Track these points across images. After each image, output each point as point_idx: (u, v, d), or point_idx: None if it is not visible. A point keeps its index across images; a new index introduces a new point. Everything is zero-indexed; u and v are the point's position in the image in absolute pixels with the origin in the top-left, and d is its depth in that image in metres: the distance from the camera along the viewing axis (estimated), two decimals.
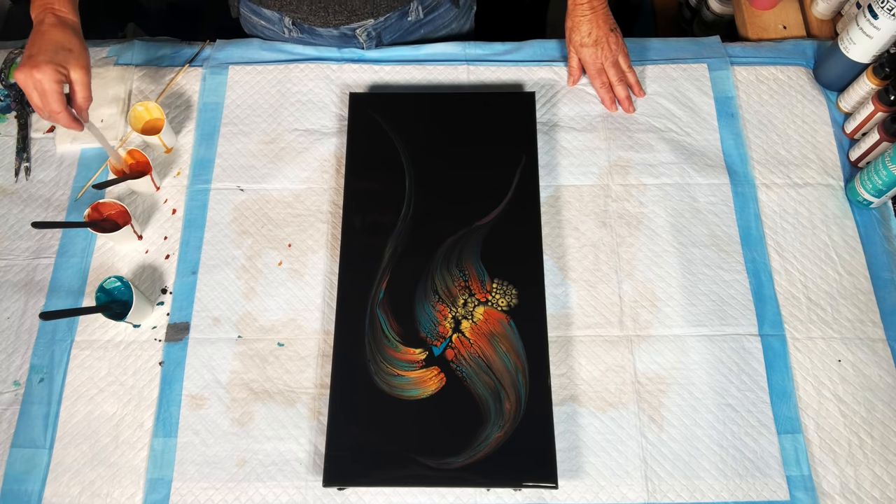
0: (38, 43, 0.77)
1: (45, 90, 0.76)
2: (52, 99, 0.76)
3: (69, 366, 0.87)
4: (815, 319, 0.89)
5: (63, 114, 0.78)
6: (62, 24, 0.78)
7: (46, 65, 0.75)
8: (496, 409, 0.81)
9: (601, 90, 1.00)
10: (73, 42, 0.78)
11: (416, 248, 0.89)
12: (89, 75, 0.79)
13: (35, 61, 0.75)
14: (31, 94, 0.77)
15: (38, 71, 0.75)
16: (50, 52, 0.75)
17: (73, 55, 0.77)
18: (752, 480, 0.81)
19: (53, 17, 0.78)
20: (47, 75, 0.75)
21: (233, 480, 0.82)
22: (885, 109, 0.92)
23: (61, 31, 0.77)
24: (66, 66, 0.76)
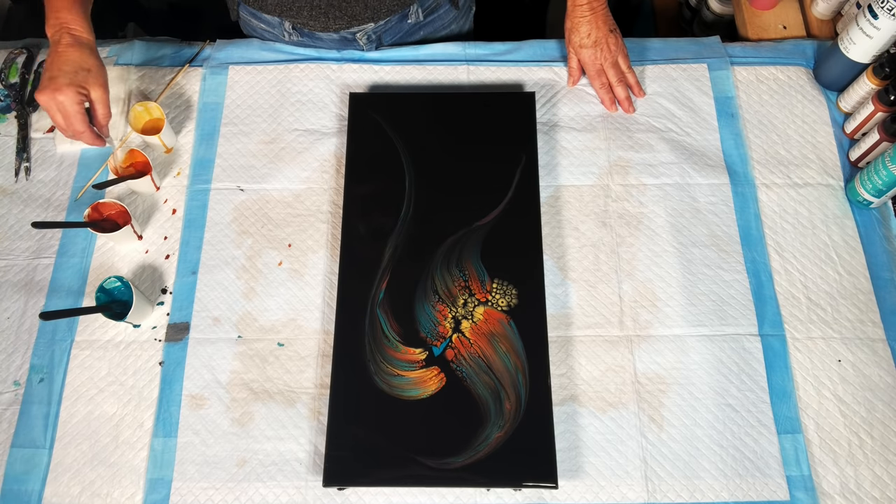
0: (56, 64, 0.78)
1: (69, 112, 0.78)
2: (75, 120, 0.79)
3: (69, 366, 0.87)
4: (815, 319, 0.89)
5: (87, 132, 0.81)
6: (78, 43, 0.79)
7: (68, 87, 0.77)
8: (496, 409, 0.81)
9: (601, 91, 1.00)
10: (90, 61, 0.80)
11: (416, 248, 0.89)
12: (108, 93, 0.81)
13: (56, 83, 0.77)
14: (54, 116, 0.79)
15: (61, 93, 0.77)
16: (70, 74, 0.77)
17: (92, 74, 0.79)
18: (752, 480, 0.81)
19: (69, 36, 0.79)
20: (69, 97, 0.77)
21: (233, 480, 0.82)
22: (885, 109, 0.92)
23: (78, 51, 0.79)
24: (86, 85, 0.79)
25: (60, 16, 0.80)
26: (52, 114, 0.79)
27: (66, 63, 0.78)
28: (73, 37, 0.80)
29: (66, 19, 0.80)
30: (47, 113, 0.80)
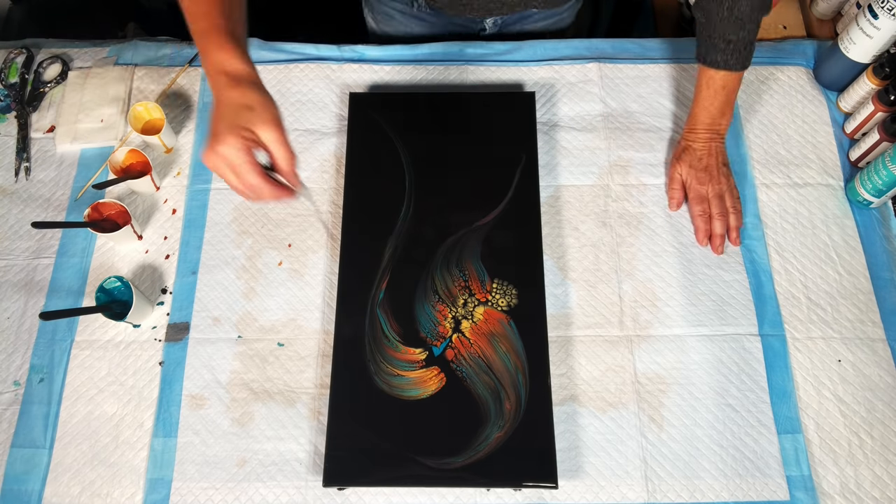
0: (215, 114, 0.65)
1: (235, 164, 0.63)
2: (245, 172, 0.64)
3: (69, 366, 0.87)
4: (815, 319, 0.89)
5: (265, 186, 0.65)
6: (235, 80, 0.66)
7: (227, 135, 0.63)
8: (496, 409, 0.81)
9: (698, 219, 0.93)
10: (250, 96, 0.65)
11: (416, 248, 0.89)
12: (282, 129, 0.65)
13: (216, 136, 0.63)
14: (224, 174, 0.65)
15: (221, 144, 0.63)
16: (229, 119, 0.64)
17: (256, 112, 0.64)
18: (752, 480, 0.81)
19: (225, 77, 0.66)
20: (232, 146, 0.63)
21: (233, 480, 0.82)
22: (885, 109, 0.92)
23: (236, 90, 0.65)
24: (251, 126, 0.64)
25: (214, 58, 0.67)
26: (223, 173, 0.64)
27: (224, 109, 0.65)
28: (229, 76, 0.66)
29: (220, 59, 0.66)
30: (219, 175, 0.65)
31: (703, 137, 0.94)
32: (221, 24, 0.68)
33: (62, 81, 1.04)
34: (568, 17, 1.16)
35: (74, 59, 1.07)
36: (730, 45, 0.87)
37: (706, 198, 0.93)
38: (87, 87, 1.03)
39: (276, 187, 0.67)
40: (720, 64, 0.88)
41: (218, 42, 0.67)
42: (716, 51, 0.88)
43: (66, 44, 1.09)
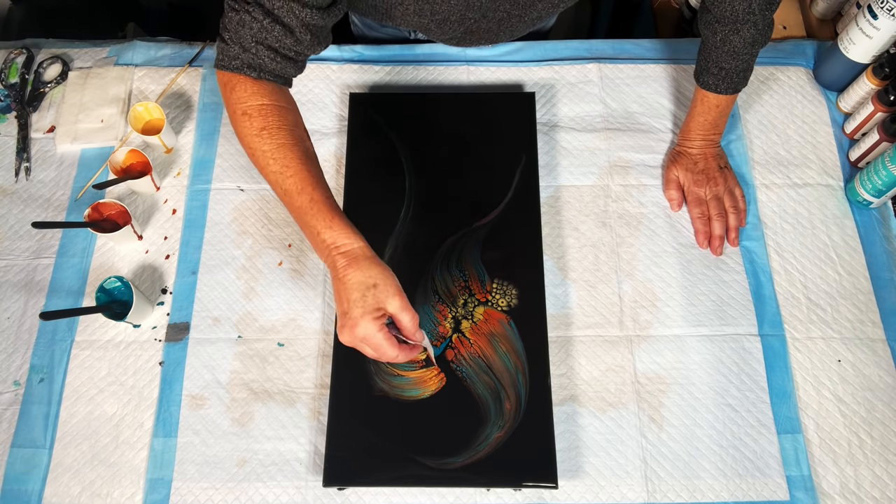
0: (343, 295, 0.69)
1: (375, 343, 0.68)
2: (385, 349, 0.69)
3: (69, 366, 0.87)
4: (814, 319, 0.89)
5: (402, 354, 0.70)
6: (354, 260, 0.69)
7: (362, 318, 0.67)
8: (496, 409, 0.81)
9: (697, 221, 0.93)
10: (372, 273, 0.68)
11: (416, 248, 0.89)
12: (404, 297, 0.70)
13: (353, 319, 0.67)
14: (363, 350, 0.70)
15: (359, 328, 0.67)
16: (360, 303, 0.67)
17: (380, 288, 0.68)
18: (752, 480, 0.81)
19: (342, 257, 0.69)
20: (370, 329, 0.67)
21: (233, 480, 0.82)
22: (884, 109, 0.92)
23: (358, 270, 0.68)
24: (380, 305, 0.68)
25: (324, 239, 0.70)
26: (361, 349, 0.70)
27: (350, 290, 0.68)
28: (344, 256, 0.69)
29: (331, 239, 0.69)
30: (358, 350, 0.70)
31: (697, 144, 0.94)
32: (320, 198, 0.71)
33: (62, 81, 1.04)
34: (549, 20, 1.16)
35: (74, 59, 1.07)
36: (722, 71, 0.88)
37: (704, 200, 0.94)
38: (87, 87, 1.03)
39: (408, 350, 0.71)
40: (712, 87, 0.89)
41: (325, 220, 0.70)
42: (708, 74, 0.89)
43: (66, 44, 1.09)
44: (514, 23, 0.92)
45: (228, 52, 0.71)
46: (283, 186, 0.72)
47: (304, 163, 0.72)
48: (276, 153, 0.71)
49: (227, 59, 0.71)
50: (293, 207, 0.72)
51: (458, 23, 0.88)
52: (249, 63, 0.71)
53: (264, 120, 0.72)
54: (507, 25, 0.92)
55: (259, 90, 0.72)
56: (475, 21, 0.89)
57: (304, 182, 0.71)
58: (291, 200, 0.72)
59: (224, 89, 0.74)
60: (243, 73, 0.72)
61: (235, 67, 0.71)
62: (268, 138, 0.71)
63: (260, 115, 0.72)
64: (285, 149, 0.71)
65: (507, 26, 0.92)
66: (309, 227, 0.71)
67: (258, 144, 0.71)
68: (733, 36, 0.84)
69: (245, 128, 0.72)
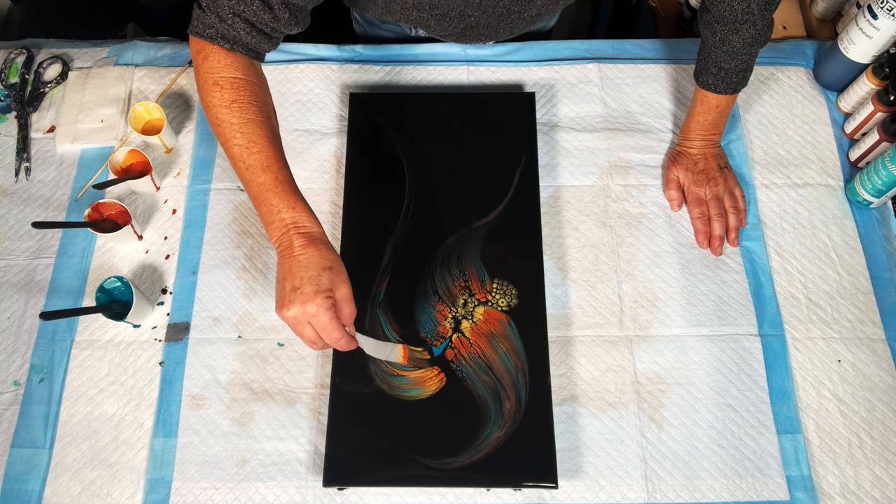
0: (296, 272, 0.69)
1: (322, 323, 0.68)
2: (331, 329, 0.69)
3: (69, 366, 0.87)
4: (814, 319, 0.89)
5: (343, 338, 0.70)
6: (312, 241, 0.70)
7: (315, 295, 0.67)
8: (496, 409, 0.81)
9: (697, 221, 0.93)
10: (328, 258, 0.70)
11: (416, 248, 0.89)
12: (351, 287, 0.71)
13: (304, 294, 0.67)
14: (303, 330, 0.69)
15: (311, 304, 0.67)
16: (314, 280, 0.68)
17: (334, 272, 0.69)
18: (752, 480, 0.81)
19: (301, 237, 0.70)
20: (321, 307, 0.67)
21: (233, 480, 0.82)
22: (884, 109, 0.92)
23: (315, 251, 0.69)
24: (332, 287, 0.69)
25: (283, 217, 0.70)
26: (302, 328, 0.69)
27: (306, 268, 0.68)
28: (303, 236, 0.70)
29: (292, 219, 0.70)
30: (294, 328, 0.69)
31: (697, 144, 0.94)
32: (284, 178, 0.72)
33: (62, 81, 1.04)
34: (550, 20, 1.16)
35: (74, 59, 1.07)
36: (721, 71, 0.88)
37: (704, 200, 0.94)
38: (87, 87, 1.03)
39: (350, 338, 0.72)
40: (710, 87, 0.89)
41: (289, 200, 0.71)
42: (707, 74, 0.89)
43: (66, 44, 1.09)
44: (514, 19, 0.92)
45: (204, 19, 0.72)
46: (246, 161, 0.72)
47: (271, 141, 0.73)
48: (245, 128, 0.72)
49: (202, 27, 0.72)
50: (255, 183, 0.72)
51: (458, 18, 0.88)
52: (224, 34, 0.72)
53: (236, 93, 0.72)
54: (506, 22, 0.92)
55: (233, 62, 0.73)
56: (474, 17, 0.89)
57: (270, 160, 0.72)
58: (254, 176, 0.72)
59: (196, 57, 0.74)
60: (216, 43, 0.72)
61: (209, 36, 0.72)
62: (238, 112, 0.72)
63: (232, 87, 0.72)
64: (254, 125, 0.72)
65: (506, 23, 0.92)
66: (268, 204, 0.71)
67: (226, 116, 0.72)
68: (732, 36, 0.84)
69: (215, 98, 0.72)
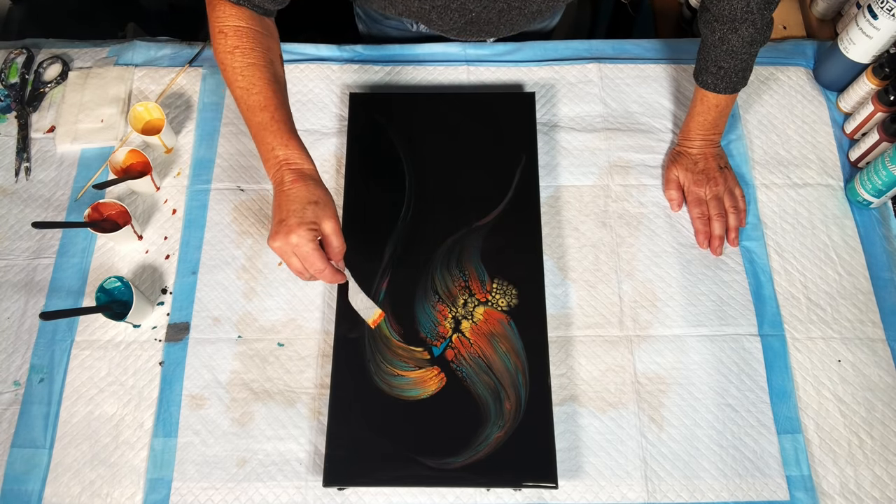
0: (283, 205, 0.73)
1: (304, 253, 0.72)
2: (312, 259, 0.72)
3: (69, 366, 0.87)
4: (814, 319, 0.89)
5: (327, 270, 0.74)
6: (301, 177, 0.74)
7: (298, 227, 0.71)
8: (496, 409, 0.81)
9: (697, 221, 0.93)
10: (316, 193, 0.73)
11: (416, 248, 0.89)
12: (338, 223, 0.75)
13: (287, 226, 0.71)
14: (289, 260, 0.73)
15: (294, 234, 0.71)
16: (298, 212, 0.72)
17: (320, 206, 0.73)
18: (752, 480, 0.81)
19: (291, 172, 0.74)
20: (303, 238, 0.71)
21: (233, 480, 0.82)
22: (884, 109, 0.92)
23: (303, 186, 0.73)
24: (317, 220, 0.72)
25: (277, 154, 0.74)
26: (288, 258, 0.73)
27: (292, 201, 0.72)
28: (294, 172, 0.74)
29: (284, 156, 0.74)
30: (282, 258, 0.73)
31: (697, 144, 0.94)
32: (281, 118, 0.76)
33: (62, 81, 1.04)
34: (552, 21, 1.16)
35: (74, 59, 1.07)
36: (721, 70, 0.88)
37: (704, 200, 0.94)
38: (87, 87, 1.03)
39: (335, 271, 0.75)
40: (710, 86, 0.89)
41: (282, 138, 0.75)
42: (707, 73, 0.89)
43: (66, 44, 1.09)
44: (514, 15, 0.92)
45: None
46: (247, 102, 0.76)
47: (271, 84, 0.76)
48: (245, 71, 0.76)
49: None
50: (253, 123, 0.76)
51: (458, 12, 0.89)
52: None
53: (238, 40, 0.76)
54: (507, 17, 0.92)
55: (238, 13, 0.77)
56: (475, 12, 0.89)
57: (267, 101, 0.75)
58: (253, 116, 0.76)
59: (207, 7, 0.78)
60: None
61: None
62: (239, 56, 0.76)
63: (235, 35, 0.76)
64: (254, 68, 0.76)
65: (507, 18, 0.93)
66: (265, 143, 0.75)
67: (229, 61, 0.76)
68: (731, 35, 0.84)
69: (220, 45, 0.77)
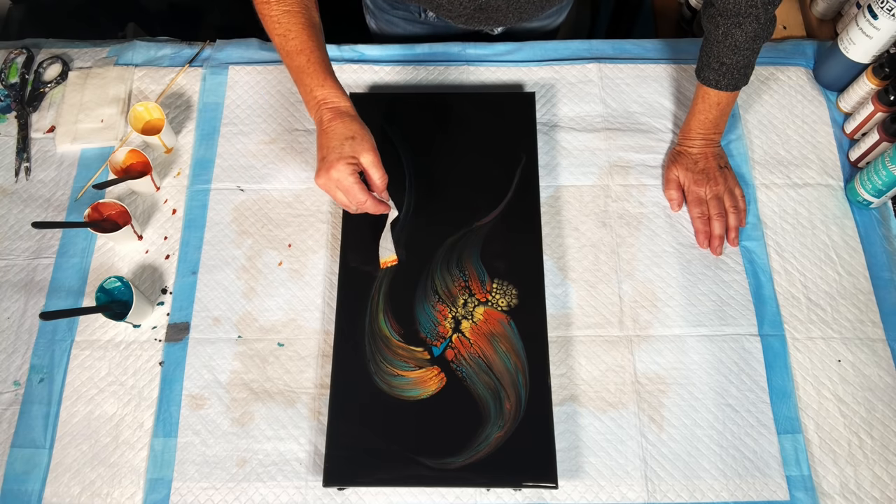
0: (324, 143, 0.78)
1: (346, 186, 0.77)
2: (354, 191, 0.78)
3: (69, 366, 0.87)
4: (814, 319, 0.89)
5: (369, 200, 0.79)
6: (338, 114, 0.78)
7: (338, 162, 0.76)
8: (496, 409, 0.81)
9: (697, 220, 0.93)
10: (352, 128, 0.78)
11: (416, 248, 0.89)
12: (377, 154, 0.79)
13: (328, 162, 0.76)
14: (334, 195, 0.79)
15: (334, 170, 0.76)
16: (337, 149, 0.77)
17: (357, 141, 0.77)
18: (752, 480, 0.81)
19: (329, 111, 0.78)
20: (343, 172, 0.76)
21: (233, 480, 0.82)
22: (884, 109, 0.92)
23: (340, 122, 0.78)
24: (355, 154, 0.77)
25: (316, 94, 0.79)
26: (333, 193, 0.79)
27: (331, 138, 0.77)
28: (331, 110, 0.78)
29: (322, 95, 0.79)
30: (328, 194, 0.80)
31: (698, 144, 0.94)
32: (317, 60, 0.80)
33: (62, 81, 1.04)
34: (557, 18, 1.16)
35: (74, 59, 1.07)
36: (723, 66, 0.88)
37: (704, 200, 0.94)
38: (87, 87, 1.03)
39: (378, 202, 0.81)
40: (712, 83, 0.89)
41: (319, 79, 0.79)
42: (709, 70, 0.89)
43: (66, 44, 1.09)
44: (523, 2, 0.93)
45: None
46: (285, 48, 0.80)
47: (306, 28, 0.80)
48: (282, 18, 0.80)
49: None
50: (292, 67, 0.81)
51: None
52: None
53: None
54: (515, 4, 0.93)
55: None
56: None
57: (303, 45, 0.80)
58: (291, 60, 0.80)
59: None
60: None
61: None
62: (275, 5, 0.80)
63: None
64: (290, 15, 0.80)
65: (516, 5, 0.93)
66: (304, 84, 0.80)
67: (267, 11, 0.81)
68: (735, 29, 0.84)
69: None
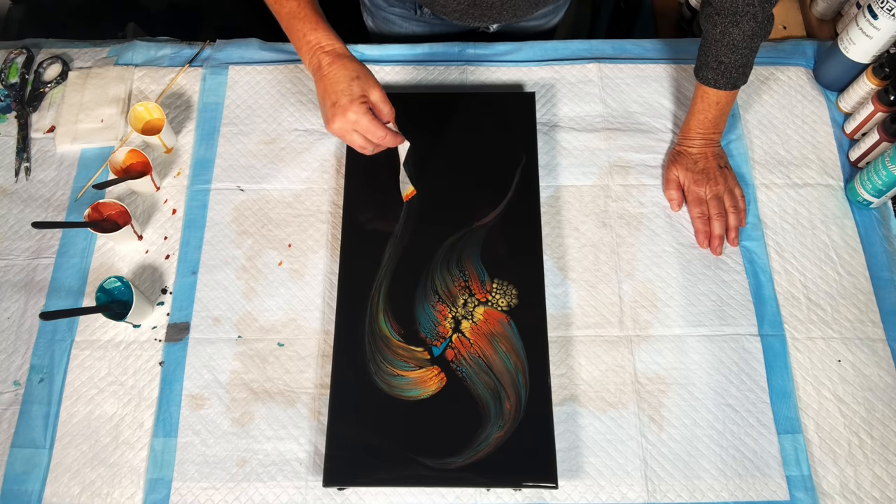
0: (329, 88, 0.77)
1: (364, 125, 0.77)
2: (374, 129, 0.77)
3: (69, 366, 0.87)
4: (814, 319, 0.89)
5: (388, 134, 0.79)
6: (337, 57, 0.78)
7: (351, 104, 0.76)
8: (496, 409, 0.81)
9: (697, 220, 0.93)
10: (354, 68, 0.78)
11: (416, 248, 0.89)
12: (383, 90, 0.79)
13: (341, 106, 0.76)
14: (351, 138, 0.78)
15: (351, 112, 0.76)
16: (347, 92, 0.76)
17: (362, 80, 0.77)
18: (752, 480, 0.81)
19: (326, 56, 0.78)
20: (358, 112, 0.76)
21: (233, 480, 0.82)
22: (884, 109, 0.92)
23: (341, 65, 0.77)
24: (364, 93, 0.77)
25: (310, 39, 0.79)
26: (350, 137, 0.78)
27: (337, 82, 0.77)
28: (328, 54, 0.78)
29: (316, 39, 0.79)
30: (344, 139, 0.79)
31: (697, 144, 0.94)
32: (307, 4, 0.80)
33: (62, 81, 1.04)
34: (554, 18, 1.17)
35: (74, 59, 1.07)
36: (721, 65, 0.88)
37: (704, 200, 0.93)
38: (87, 87, 1.03)
39: (395, 134, 0.81)
40: (710, 82, 0.89)
41: (311, 23, 0.79)
42: (708, 69, 0.89)
43: (66, 44, 1.09)
44: None
45: None
46: None
47: None
48: None
49: None
50: (283, 14, 0.80)
51: None
52: None
53: None
54: (510, 2, 0.93)
55: None
56: None
57: None
58: (281, 7, 0.80)
59: None
60: None
61: None
62: None
63: None
64: None
65: (509, 2, 0.94)
66: (295, 30, 0.80)
67: None
68: (733, 28, 0.85)
69: None
